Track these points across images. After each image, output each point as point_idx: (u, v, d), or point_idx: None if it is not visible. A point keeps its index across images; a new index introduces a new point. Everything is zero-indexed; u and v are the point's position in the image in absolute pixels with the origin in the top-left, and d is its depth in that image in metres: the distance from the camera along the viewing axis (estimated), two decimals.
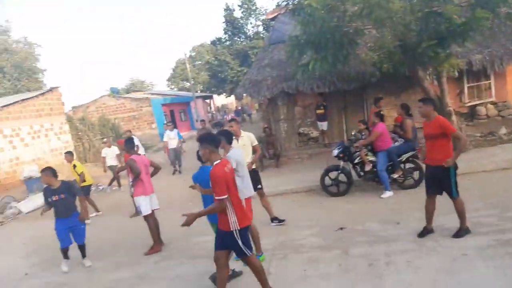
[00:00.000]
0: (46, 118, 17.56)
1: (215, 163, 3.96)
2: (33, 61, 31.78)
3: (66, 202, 6.06)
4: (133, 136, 11.43)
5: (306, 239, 5.88)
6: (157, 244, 6.54)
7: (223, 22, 38.14)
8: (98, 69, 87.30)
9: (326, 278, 4.55)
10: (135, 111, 27.06)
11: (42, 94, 17.79)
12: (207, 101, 40.27)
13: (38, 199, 11.80)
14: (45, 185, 6.31)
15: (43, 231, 8.74)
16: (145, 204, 6.46)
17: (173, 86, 49.03)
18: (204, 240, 6.23)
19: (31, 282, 6.10)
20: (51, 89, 18.34)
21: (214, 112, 40.38)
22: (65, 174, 15.37)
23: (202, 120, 16.78)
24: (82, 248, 6.39)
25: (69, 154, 9.89)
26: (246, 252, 4.03)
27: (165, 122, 13.56)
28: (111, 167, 12.75)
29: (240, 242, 3.96)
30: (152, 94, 32.11)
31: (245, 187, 5.00)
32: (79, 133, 18.81)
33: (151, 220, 6.52)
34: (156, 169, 6.82)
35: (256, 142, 6.39)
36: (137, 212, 7.91)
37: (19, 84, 30.08)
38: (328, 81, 11.04)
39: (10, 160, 15.44)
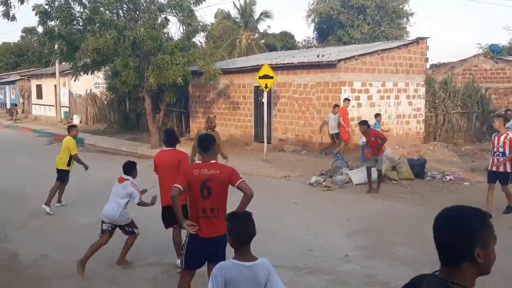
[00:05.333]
0: (402, 76, 14.40)
1: None
2: (401, 1, 28.43)
3: None
4: None
5: None
6: None
7: None
8: (473, 19, 71.32)
9: None
10: None
11: (406, 45, 14.48)
12: None
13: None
14: None
15: (373, 209, 8.11)
16: None
17: None
18: None
19: (348, 266, 5.58)
20: (417, 40, 14.66)
21: None
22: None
23: None
24: None
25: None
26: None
27: None
28: None
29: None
30: None
31: None
32: (436, 101, 14.49)
33: None
34: None
35: None
36: None
37: (378, 29, 28.12)
38: None
39: (351, 118, 13.22)
